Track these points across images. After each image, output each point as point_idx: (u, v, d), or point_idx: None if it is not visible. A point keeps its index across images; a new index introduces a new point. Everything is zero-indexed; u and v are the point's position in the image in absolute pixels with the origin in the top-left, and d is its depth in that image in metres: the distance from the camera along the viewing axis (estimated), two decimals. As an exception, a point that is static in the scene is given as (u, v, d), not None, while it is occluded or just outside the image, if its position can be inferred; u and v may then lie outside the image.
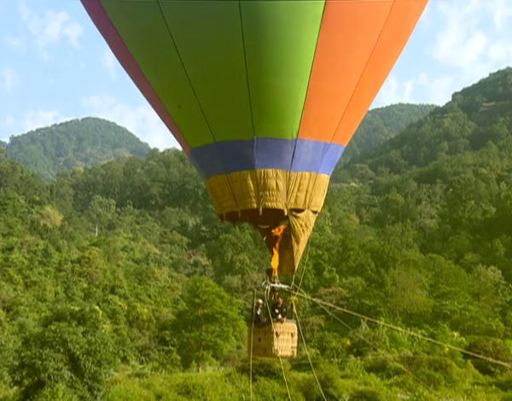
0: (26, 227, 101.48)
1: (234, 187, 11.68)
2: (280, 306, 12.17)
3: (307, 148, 11.38)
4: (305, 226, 11.92)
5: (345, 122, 11.60)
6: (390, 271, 76.34)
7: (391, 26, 10.86)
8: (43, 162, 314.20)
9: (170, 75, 11.19)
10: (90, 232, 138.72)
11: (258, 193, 11.43)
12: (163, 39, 10.53)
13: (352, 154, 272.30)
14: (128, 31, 11.24)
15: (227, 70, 10.58)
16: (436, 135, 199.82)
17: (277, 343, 11.78)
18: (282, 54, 10.38)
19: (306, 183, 11.60)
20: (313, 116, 11.10)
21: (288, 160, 11.31)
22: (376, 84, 12.01)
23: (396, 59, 12.05)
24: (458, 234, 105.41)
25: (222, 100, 11.04)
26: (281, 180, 11.38)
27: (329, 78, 10.82)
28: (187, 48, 10.57)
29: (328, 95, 11.02)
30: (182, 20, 10.34)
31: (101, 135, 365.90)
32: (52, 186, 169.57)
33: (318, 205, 12.03)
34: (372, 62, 11.03)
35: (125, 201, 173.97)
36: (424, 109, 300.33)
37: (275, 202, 11.45)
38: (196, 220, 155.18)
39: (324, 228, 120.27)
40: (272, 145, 11.22)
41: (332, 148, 11.85)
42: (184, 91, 11.10)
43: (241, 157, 11.41)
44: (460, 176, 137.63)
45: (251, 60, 10.32)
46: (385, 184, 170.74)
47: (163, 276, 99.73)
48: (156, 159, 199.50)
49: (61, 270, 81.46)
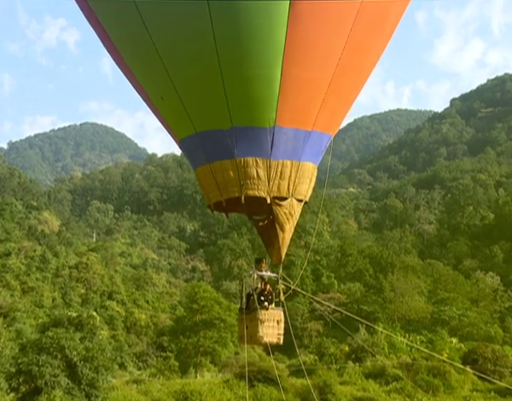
0: (24, 232, 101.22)
1: (217, 177, 11.80)
2: (266, 293, 12.18)
3: (286, 136, 11.36)
4: (290, 214, 11.83)
5: (326, 110, 11.51)
6: (388, 277, 76.35)
7: (366, 13, 10.78)
8: (40, 167, 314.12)
9: (150, 67, 11.48)
10: (88, 237, 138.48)
11: (240, 182, 11.49)
12: (139, 32, 10.84)
13: (350, 159, 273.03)
14: (111, 27, 11.66)
15: (200, 61, 10.82)
16: (434, 140, 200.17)
17: (262, 329, 11.83)
18: (251, 42, 10.46)
19: (288, 171, 11.55)
20: (290, 104, 11.07)
21: (267, 148, 11.34)
22: (358, 72, 11.83)
23: (378, 48, 11.90)
24: (457, 240, 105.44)
25: (198, 91, 11.24)
26: (261, 168, 11.41)
27: (303, 66, 10.81)
28: (162, 41, 10.85)
29: (303, 83, 10.99)
30: (156, 15, 10.68)
31: (99, 140, 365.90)
32: (50, 191, 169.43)
33: (303, 193, 11.92)
34: (349, 50, 10.94)
35: (123, 207, 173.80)
36: (422, 115, 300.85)
37: (256, 190, 11.49)
38: (194, 225, 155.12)
39: (322, 233, 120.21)
40: (251, 134, 11.29)
41: (314, 136, 11.75)
42: (164, 84, 11.36)
43: (221, 147, 11.50)
44: (458, 182, 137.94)
45: (222, 50, 10.47)
46: (383, 190, 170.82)
47: (161, 281, 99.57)
48: (154, 164, 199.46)
49: (58, 275, 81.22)
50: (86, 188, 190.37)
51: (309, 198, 12.27)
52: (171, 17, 10.69)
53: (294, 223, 12.03)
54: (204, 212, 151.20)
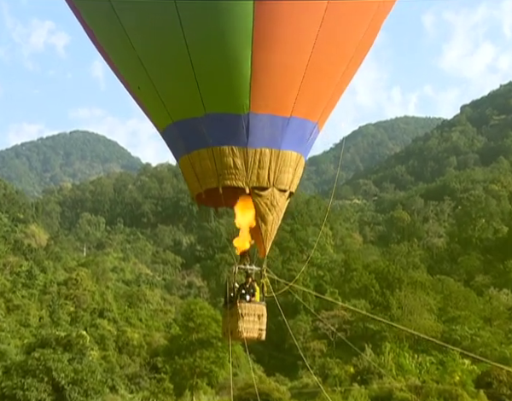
0: (9, 247, 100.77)
1: (195, 167, 12.00)
2: (247, 287, 12.30)
3: (262, 123, 11.48)
4: (271, 205, 11.87)
5: (305, 95, 11.59)
6: (396, 293, 76.11)
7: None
8: (28, 178, 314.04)
9: (126, 58, 11.97)
10: (78, 252, 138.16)
11: (217, 171, 11.65)
12: (113, 22, 11.36)
13: (354, 169, 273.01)
14: (90, 21, 12.33)
15: (169, 49, 11.18)
16: (444, 149, 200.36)
17: (242, 324, 11.93)
18: (217, 26, 10.71)
19: (268, 159, 11.64)
20: (263, 89, 11.24)
21: (243, 136, 11.47)
22: (340, 55, 11.90)
23: (361, 28, 11.84)
24: (468, 254, 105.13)
25: (171, 79, 11.61)
26: (237, 157, 11.52)
27: (273, 49, 10.99)
28: (134, 31, 11.35)
29: (275, 67, 11.15)
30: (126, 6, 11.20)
31: (90, 149, 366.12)
32: (37, 203, 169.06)
33: (286, 183, 11.98)
34: (325, 31, 11.05)
35: (115, 219, 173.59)
36: (431, 122, 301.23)
37: (234, 180, 11.61)
38: (191, 239, 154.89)
39: (326, 247, 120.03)
40: (225, 121, 11.44)
41: (295, 123, 11.81)
42: (140, 74, 11.78)
43: (197, 135, 11.74)
44: (469, 193, 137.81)
45: (189, 36, 10.78)
46: (390, 201, 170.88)
47: (155, 298, 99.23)
48: (148, 174, 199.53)
49: (46, 292, 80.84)
50: (76, 200, 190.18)
51: (295, 188, 12.32)
52: (140, 6, 11.00)
53: (279, 214, 12.08)
54: (201, 225, 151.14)
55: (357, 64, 12.70)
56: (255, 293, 12.32)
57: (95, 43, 12.68)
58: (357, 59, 12.51)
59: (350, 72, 12.50)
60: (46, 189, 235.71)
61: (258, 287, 12.43)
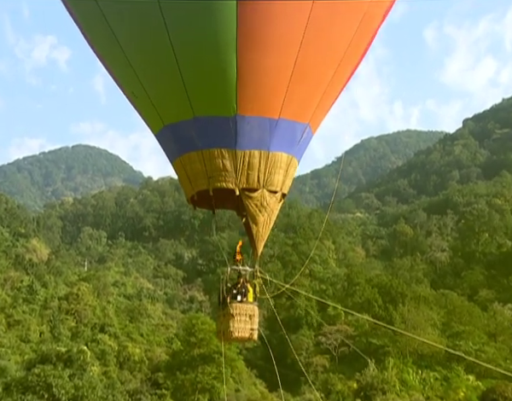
0: (10, 262, 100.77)
1: (187, 170, 12.24)
2: (239, 287, 12.49)
3: (250, 125, 11.62)
4: (261, 206, 12.02)
5: (293, 97, 11.70)
6: (399, 308, 75.81)
7: (321, 2, 10.93)
8: (29, 192, 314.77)
9: (118, 62, 12.24)
10: (79, 266, 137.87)
11: (207, 174, 11.84)
12: (103, 26, 11.63)
13: (357, 182, 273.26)
14: (87, 30, 12.67)
15: (156, 55, 11.43)
16: (446, 163, 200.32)
17: (233, 324, 12.16)
18: (201, 31, 10.91)
19: (257, 161, 11.77)
20: (249, 91, 11.38)
21: (231, 139, 11.61)
22: (328, 57, 11.96)
23: (348, 30, 11.89)
24: (472, 269, 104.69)
25: (160, 84, 11.86)
26: (227, 159, 11.68)
27: (257, 52, 11.12)
28: (123, 36, 11.60)
29: (260, 70, 11.29)
30: (116, 13, 11.48)
31: (92, 163, 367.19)
32: (39, 218, 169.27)
33: (277, 184, 12.14)
34: (311, 33, 11.11)
35: (116, 233, 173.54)
36: (433, 136, 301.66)
37: (224, 182, 11.79)
38: (192, 253, 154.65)
39: (328, 261, 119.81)
40: (213, 123, 11.63)
41: (284, 125, 11.93)
42: (132, 78, 12.10)
43: (187, 138, 11.98)
44: (472, 207, 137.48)
45: (175, 42, 10.99)
46: (392, 215, 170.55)
47: (156, 312, 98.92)
48: (150, 188, 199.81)
49: (46, 307, 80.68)
50: (78, 214, 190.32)
51: (288, 190, 12.50)
52: (125, 11, 11.28)
53: (271, 215, 12.25)
54: (202, 239, 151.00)
55: (349, 67, 12.74)
56: (247, 294, 12.48)
57: (91, 47, 12.95)
58: (350, 62, 12.54)
59: (341, 75, 12.53)
60: (48, 204, 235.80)
61: (251, 287, 12.62)
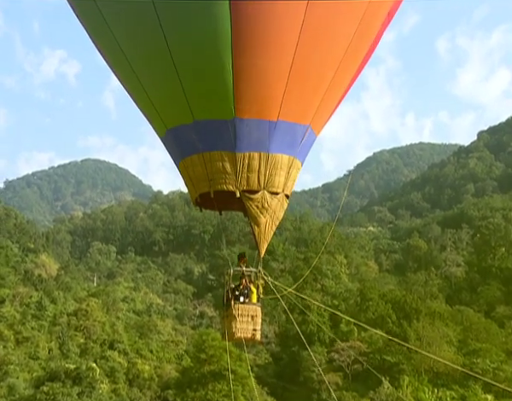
0: (20, 277, 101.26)
1: (189, 172, 12.65)
2: (241, 288, 12.94)
3: (249, 127, 11.90)
4: (263, 207, 12.24)
5: (291, 99, 11.88)
6: (413, 324, 75.09)
7: (315, 4, 11.07)
8: (38, 207, 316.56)
9: (122, 67, 12.69)
10: (88, 282, 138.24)
11: (208, 176, 12.19)
12: (105, 31, 12.06)
13: (369, 195, 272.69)
14: (91, 32, 13.09)
15: (155, 60, 11.80)
16: (461, 176, 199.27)
17: (236, 325, 12.48)
18: (196, 36, 11.19)
19: (256, 163, 12.04)
20: (246, 94, 11.65)
21: (230, 141, 11.92)
22: (325, 59, 12.06)
23: (347, 29, 11.98)
24: (488, 284, 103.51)
25: (160, 89, 12.29)
26: (226, 162, 11.98)
27: (252, 55, 11.36)
28: (123, 40, 12.00)
29: (256, 72, 11.52)
30: (116, 17, 11.86)
31: (101, 177, 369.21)
32: (48, 233, 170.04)
33: (278, 185, 12.37)
34: (307, 35, 11.27)
35: (126, 248, 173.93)
36: (447, 149, 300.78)
37: (225, 185, 12.10)
38: (202, 267, 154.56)
39: (340, 276, 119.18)
40: (212, 127, 11.96)
41: (283, 127, 12.13)
42: (135, 83, 12.60)
43: (188, 142, 12.37)
44: (488, 220, 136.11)
45: (172, 47, 11.33)
46: (406, 229, 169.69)
47: (166, 328, 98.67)
48: (160, 202, 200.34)
49: (55, 323, 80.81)
50: (87, 229, 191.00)
51: (290, 191, 12.79)
52: (124, 16, 11.64)
53: (273, 217, 12.49)
54: (212, 253, 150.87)
55: (351, 69, 12.84)
56: (250, 295, 12.75)
57: (100, 52, 13.34)
58: (351, 63, 12.63)
59: (343, 76, 12.64)
60: (57, 218, 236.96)
61: (255, 288, 12.93)
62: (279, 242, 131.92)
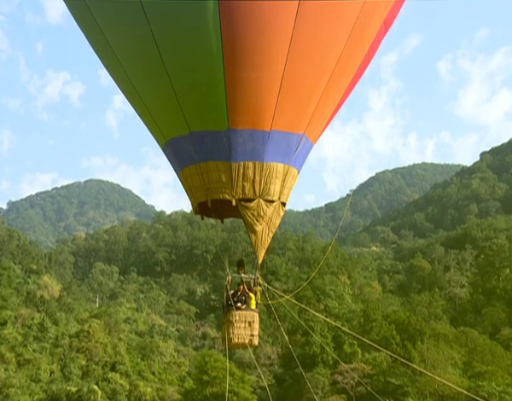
0: (22, 299, 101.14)
1: (188, 182, 12.99)
2: (239, 294, 12.92)
3: (243, 138, 12.16)
4: (258, 215, 12.48)
5: (284, 109, 12.12)
6: (418, 346, 74.47)
7: (309, 7, 11.22)
8: (41, 228, 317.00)
9: (122, 81, 13.16)
10: (91, 303, 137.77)
11: (205, 186, 12.54)
12: (103, 43, 12.54)
13: (372, 215, 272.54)
14: (90, 38, 13.45)
15: (151, 73, 12.19)
16: (464, 196, 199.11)
17: (233, 331, 12.62)
18: (190, 50, 11.52)
19: (251, 172, 12.31)
20: (238, 105, 11.92)
21: (225, 151, 12.20)
22: (317, 69, 12.21)
23: (338, 38, 12.11)
24: (493, 305, 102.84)
25: (157, 102, 12.72)
26: (222, 171, 12.30)
27: (243, 67, 11.59)
28: (124, 60, 12.44)
29: (247, 84, 11.77)
30: (115, 35, 12.28)
31: (104, 198, 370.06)
32: (51, 253, 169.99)
33: (273, 193, 12.57)
34: (296, 47, 11.46)
35: (128, 268, 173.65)
36: (449, 169, 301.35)
37: (221, 194, 12.42)
38: (205, 288, 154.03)
39: (344, 296, 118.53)
40: (208, 138, 12.27)
41: (276, 136, 12.36)
42: (135, 97, 13.05)
43: (185, 153, 12.71)
44: (492, 241, 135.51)
45: (168, 62, 11.70)
46: (409, 249, 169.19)
47: (168, 350, 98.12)
48: (162, 222, 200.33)
49: (57, 345, 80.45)
50: (90, 250, 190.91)
51: (286, 199, 12.96)
52: (120, 30, 12.11)
53: (270, 224, 12.71)
54: (215, 273, 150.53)
55: (345, 78, 12.96)
56: (248, 301, 12.87)
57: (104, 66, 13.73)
58: (344, 72, 12.75)
59: (336, 86, 12.76)
60: (60, 239, 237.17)
61: (253, 294, 13.01)
62: (282, 262, 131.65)
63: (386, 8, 12.73)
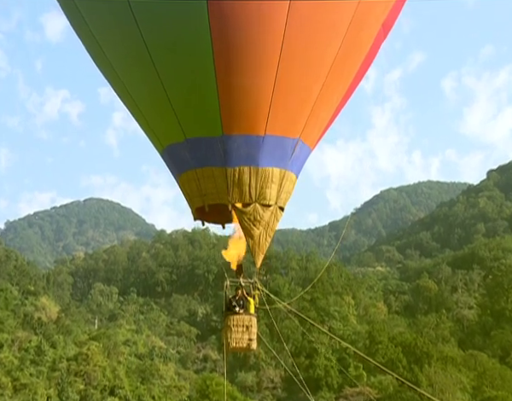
0: (19, 321, 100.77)
1: (186, 188, 13.36)
2: (237, 298, 13.25)
3: (238, 143, 12.41)
4: (255, 220, 12.66)
5: (277, 113, 12.28)
6: (425, 369, 73.73)
7: (300, 9, 11.27)
8: (40, 248, 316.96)
9: (118, 89, 13.48)
10: (90, 324, 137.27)
11: (201, 191, 12.85)
12: (99, 53, 12.97)
13: (376, 234, 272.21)
14: (85, 44, 13.75)
15: (147, 83, 12.46)
16: (471, 215, 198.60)
17: (231, 335, 12.90)
18: (181, 57, 11.77)
19: (247, 177, 12.52)
20: (231, 111, 12.16)
21: (220, 157, 12.47)
22: (310, 74, 12.30)
23: (331, 42, 12.18)
24: (502, 328, 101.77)
25: (153, 110, 13.09)
26: (218, 177, 12.59)
27: (235, 73, 11.77)
28: (119, 69, 12.78)
29: (240, 90, 11.96)
30: (111, 45, 12.61)
31: (104, 217, 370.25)
32: (49, 274, 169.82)
33: (270, 198, 12.76)
34: (289, 50, 11.59)
35: (128, 289, 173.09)
36: (455, 187, 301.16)
37: (217, 199, 12.72)
38: (206, 308, 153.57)
39: (348, 317, 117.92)
40: (203, 144, 12.58)
41: (271, 141, 12.54)
42: (132, 104, 13.38)
43: (182, 159, 13.04)
44: (500, 262, 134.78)
45: (161, 70, 11.95)
46: (415, 269, 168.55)
47: (169, 373, 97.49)
48: (163, 241, 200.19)
49: (54, 369, 79.98)
50: (89, 270, 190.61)
51: (284, 203, 13.15)
52: (113, 38, 12.40)
53: (267, 229, 12.87)
54: (216, 294, 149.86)
55: (342, 82, 13.07)
56: (246, 305, 13.23)
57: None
58: (340, 77, 12.83)
59: (331, 90, 12.85)
60: (58, 259, 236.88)
61: (252, 299, 13.33)
62: (285, 282, 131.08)
63: (383, 11, 12.79)
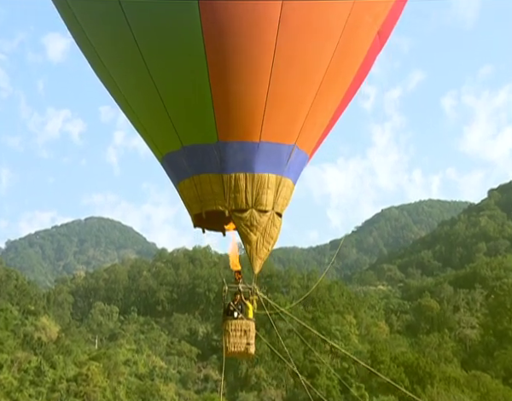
0: (19, 342, 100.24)
1: (184, 195, 13.56)
2: (236, 303, 13.37)
3: (233, 150, 12.60)
4: (252, 225, 12.81)
5: (272, 120, 12.46)
6: (427, 390, 73.27)
7: (293, 14, 11.40)
8: (40, 267, 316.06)
9: (117, 97, 13.69)
10: (90, 344, 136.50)
11: (199, 198, 13.05)
12: (98, 63, 13.19)
13: (378, 253, 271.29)
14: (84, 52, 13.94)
15: (144, 92, 12.65)
16: (472, 234, 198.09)
17: (229, 339, 13.05)
18: (176, 66, 11.98)
19: (243, 183, 12.69)
20: (227, 118, 12.35)
21: (216, 164, 12.68)
22: (304, 81, 12.41)
23: (325, 49, 12.29)
24: (505, 348, 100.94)
25: (150, 119, 13.33)
26: (214, 183, 12.77)
27: (228, 81, 11.93)
28: (118, 79, 13.00)
29: (234, 97, 12.13)
30: (108, 53, 12.81)
31: (105, 235, 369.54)
32: (49, 294, 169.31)
33: (266, 204, 12.89)
34: (280, 59, 11.72)
35: (128, 308, 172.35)
36: (457, 206, 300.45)
37: (214, 205, 12.87)
38: (207, 328, 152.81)
39: (350, 337, 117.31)
40: (199, 151, 12.80)
41: (266, 147, 12.69)
42: (131, 113, 13.59)
43: (179, 167, 13.27)
44: (502, 281, 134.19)
45: (157, 79, 12.13)
46: (417, 288, 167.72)
47: (169, 393, 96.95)
48: (164, 260, 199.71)
49: (54, 390, 79.58)
50: (89, 289, 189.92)
51: (281, 209, 13.27)
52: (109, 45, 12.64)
53: (265, 234, 12.97)
54: (217, 313, 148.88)
55: (337, 89, 13.20)
56: (244, 310, 13.34)
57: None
58: (334, 84, 12.92)
59: (326, 97, 12.96)
60: (59, 278, 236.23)
61: (250, 304, 13.46)
62: (286, 301, 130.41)
63: (377, 15, 12.88)
